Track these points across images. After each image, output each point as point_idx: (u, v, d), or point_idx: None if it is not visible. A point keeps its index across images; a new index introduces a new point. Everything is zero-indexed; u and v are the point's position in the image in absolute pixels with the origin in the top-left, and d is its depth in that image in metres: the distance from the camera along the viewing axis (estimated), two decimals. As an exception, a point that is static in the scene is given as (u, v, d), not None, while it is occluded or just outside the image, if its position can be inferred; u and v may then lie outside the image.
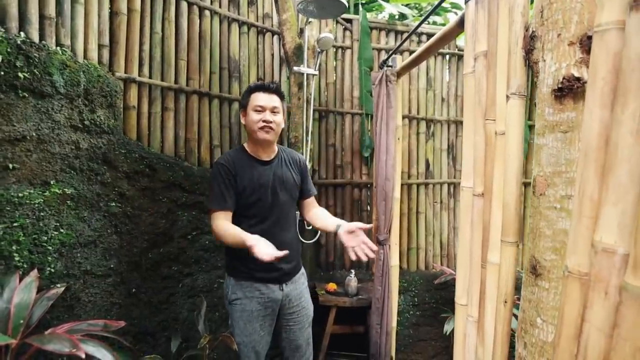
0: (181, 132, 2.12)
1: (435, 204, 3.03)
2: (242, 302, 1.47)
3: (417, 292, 2.93)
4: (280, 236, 1.49)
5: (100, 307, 1.62)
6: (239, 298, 1.47)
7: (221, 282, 2.24)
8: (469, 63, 1.39)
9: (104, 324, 1.26)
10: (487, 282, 1.27)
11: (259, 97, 1.48)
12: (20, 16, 1.35)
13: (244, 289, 1.47)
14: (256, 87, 1.51)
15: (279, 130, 1.54)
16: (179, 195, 2.02)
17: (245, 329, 1.47)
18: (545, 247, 1.02)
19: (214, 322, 2.17)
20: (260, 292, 1.47)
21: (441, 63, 2.99)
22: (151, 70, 1.97)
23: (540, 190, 1.04)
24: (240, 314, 1.47)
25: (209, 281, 2.17)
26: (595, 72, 0.81)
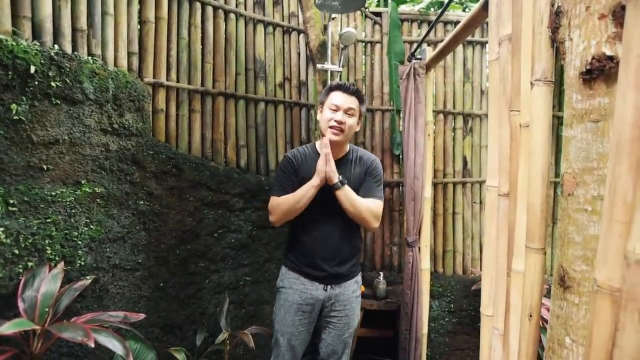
0: (208, 133, 2.18)
1: (473, 204, 2.83)
2: (287, 292, 1.53)
3: (454, 298, 2.76)
4: (332, 237, 1.51)
5: (128, 299, 1.72)
6: (284, 287, 1.55)
7: (247, 279, 2.28)
8: (493, 49, 1.26)
9: (124, 315, 1.33)
10: (511, 292, 1.13)
11: (336, 96, 1.51)
12: (54, 30, 1.47)
13: (291, 280, 1.54)
14: (337, 86, 1.55)
15: (351, 133, 1.55)
16: (205, 194, 2.09)
17: (284, 318, 1.51)
18: (574, 255, 0.88)
19: (240, 319, 2.22)
20: (304, 286, 1.52)
21: (480, 53, 2.78)
22: (178, 74, 2.05)
23: (569, 189, 0.90)
24: (282, 302, 1.53)
25: (235, 279, 2.22)
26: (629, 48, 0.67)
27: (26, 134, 1.35)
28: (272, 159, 2.48)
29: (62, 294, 1.29)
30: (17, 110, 1.31)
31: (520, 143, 1.10)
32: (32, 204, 1.36)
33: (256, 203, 2.31)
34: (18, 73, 1.30)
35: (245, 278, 2.26)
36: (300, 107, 2.59)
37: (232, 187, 2.19)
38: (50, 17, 1.45)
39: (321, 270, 1.51)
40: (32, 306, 1.17)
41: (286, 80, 2.53)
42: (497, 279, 1.24)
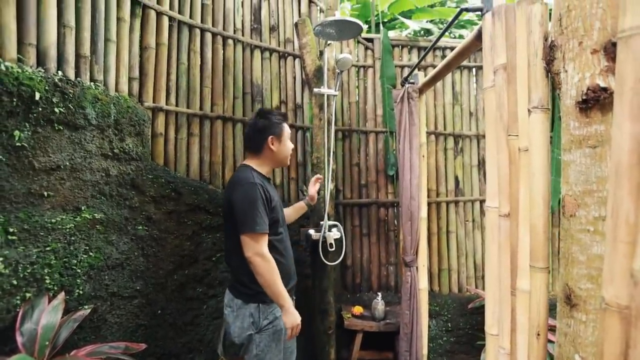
0: (206, 156, 2.19)
1: (466, 222, 2.89)
2: (274, 324, 1.50)
3: (451, 317, 2.76)
4: (291, 254, 1.67)
5: (126, 329, 1.67)
6: (271, 322, 1.49)
7: (245, 304, 2.24)
8: (488, 77, 1.33)
9: (125, 346, 1.29)
10: (517, 311, 1.16)
11: (288, 128, 1.68)
12: (58, 57, 1.48)
13: (274, 310, 1.50)
14: (285, 117, 1.70)
15: None
16: (204, 217, 2.07)
17: (276, 348, 1.49)
18: (579, 274, 0.92)
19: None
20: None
21: (467, 77, 2.91)
22: (177, 99, 2.07)
23: (571, 211, 0.95)
24: (273, 335, 1.49)
25: (233, 303, 2.18)
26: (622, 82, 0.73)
27: (28, 161, 1.33)
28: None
29: (61, 325, 1.25)
30: (19, 137, 1.30)
31: (519, 166, 1.15)
32: (31, 232, 1.33)
33: (254, 225, 2.29)
34: (22, 100, 1.30)
35: (243, 302, 2.22)
36: (296, 129, 2.63)
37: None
38: (55, 44, 1.46)
39: (292, 281, 1.63)
40: (31, 340, 1.13)
41: (282, 103, 2.58)
42: (501, 298, 1.27)
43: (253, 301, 1.48)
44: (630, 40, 0.72)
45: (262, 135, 1.60)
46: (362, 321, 2.43)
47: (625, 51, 0.73)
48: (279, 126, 1.63)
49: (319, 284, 2.35)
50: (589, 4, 0.88)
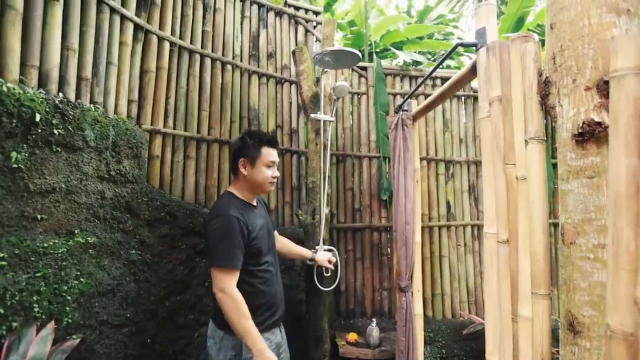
0: (202, 179, 2.18)
1: (458, 247, 2.91)
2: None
3: (445, 343, 2.73)
4: (279, 281, 1.57)
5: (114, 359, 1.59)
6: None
7: (237, 331, 2.17)
8: (484, 107, 1.39)
9: (117, 379, 1.22)
10: (519, 338, 1.16)
11: (270, 153, 1.50)
12: (60, 79, 1.48)
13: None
14: (268, 141, 1.50)
15: None
16: (198, 241, 2.03)
17: None
18: (581, 301, 0.94)
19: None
20: (269, 340, 1.43)
21: (457, 105, 3.02)
22: (175, 122, 2.08)
23: (570, 238, 0.98)
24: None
25: (225, 331, 2.11)
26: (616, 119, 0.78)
27: (23, 183, 1.30)
28: (264, 204, 2.48)
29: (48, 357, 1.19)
30: (16, 159, 1.27)
31: (517, 194, 1.19)
32: (22, 257, 1.28)
33: (248, 249, 2.26)
34: (22, 121, 1.28)
35: (235, 330, 2.15)
36: (291, 153, 2.65)
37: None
38: (58, 66, 1.46)
39: (279, 311, 1.53)
40: (17, 373, 1.06)
41: (278, 127, 2.61)
42: (502, 324, 1.27)
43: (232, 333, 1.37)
44: (622, 79, 0.78)
45: (235, 157, 1.50)
46: (357, 348, 2.37)
47: (618, 90, 0.78)
48: (255, 150, 1.47)
49: (313, 310, 2.31)
50: (580, 45, 0.94)
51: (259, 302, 1.42)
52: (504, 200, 1.27)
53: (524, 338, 1.13)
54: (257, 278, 1.43)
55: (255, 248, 1.42)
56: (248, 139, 1.49)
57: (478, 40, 1.41)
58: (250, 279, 1.40)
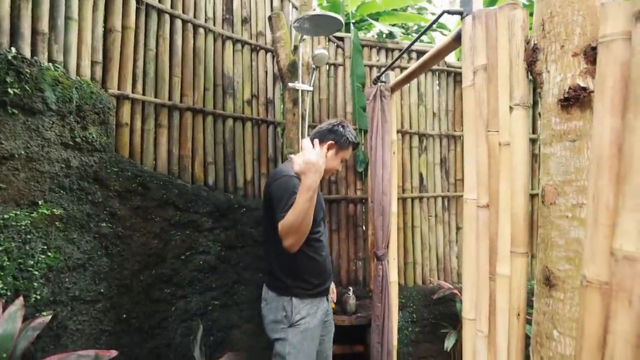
0: (175, 149, 2.07)
1: (430, 217, 3.03)
2: (306, 321, 1.45)
3: (416, 308, 2.88)
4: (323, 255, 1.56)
5: (88, 336, 1.52)
6: (303, 317, 1.45)
7: (216, 304, 2.15)
8: (468, 76, 1.41)
9: (95, 355, 1.17)
10: (497, 295, 1.24)
11: (349, 153, 1.70)
12: (12, 31, 1.31)
13: (307, 307, 1.47)
14: (355, 144, 1.71)
15: None
16: (172, 213, 1.95)
17: (308, 348, 1.45)
18: (558, 257, 1.01)
19: (209, 348, 2.07)
20: (317, 307, 1.50)
21: (432, 79, 3.06)
22: (145, 87, 1.93)
23: (550, 199, 1.03)
24: (303, 334, 1.44)
25: (203, 303, 2.08)
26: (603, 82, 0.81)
27: (-25, 148, 1.16)
28: (240, 176, 2.41)
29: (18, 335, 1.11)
30: (-35, 120, 1.13)
31: (499, 160, 1.24)
32: (-20, 229, 1.16)
33: (225, 222, 2.21)
34: (-30, 77, 1.13)
35: (213, 302, 2.13)
36: (267, 124, 2.58)
37: (201, 206, 2.09)
38: (8, 16, 1.29)
39: (328, 281, 1.60)
40: (-14, 351, 0.98)
41: (254, 97, 2.52)
42: (479, 284, 1.35)
43: (286, 294, 1.46)
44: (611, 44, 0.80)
45: (327, 134, 1.62)
46: (334, 316, 2.44)
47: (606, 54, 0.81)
48: (346, 143, 1.64)
49: (291, 280, 2.33)
50: (570, 12, 0.97)
51: (312, 270, 1.49)
52: (485, 166, 1.32)
53: (501, 295, 1.21)
54: (311, 247, 1.46)
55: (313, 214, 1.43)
56: (347, 131, 1.65)
57: (464, 8, 1.41)
58: (304, 247, 1.40)
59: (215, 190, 2.26)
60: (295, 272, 1.46)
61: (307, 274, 1.47)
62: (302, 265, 1.45)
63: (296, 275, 1.46)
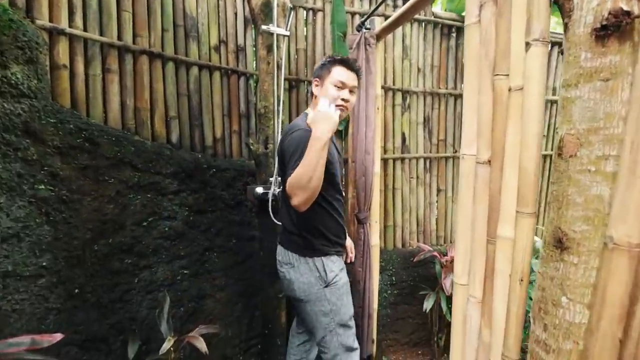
0: (129, 100, 1.77)
1: (411, 179, 2.93)
2: (340, 276, 1.47)
3: (395, 271, 2.85)
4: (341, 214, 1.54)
5: (30, 316, 1.31)
6: (336, 274, 1.46)
7: (185, 273, 1.98)
8: (472, 12, 1.21)
9: (32, 340, 0.98)
10: (497, 258, 1.13)
11: (340, 72, 1.45)
12: None
13: (336, 264, 1.48)
14: (341, 60, 1.47)
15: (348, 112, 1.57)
16: (130, 175, 1.70)
17: (348, 302, 1.49)
18: (574, 216, 0.88)
19: (179, 319, 1.92)
20: (341, 262, 1.53)
21: (417, 30, 2.82)
22: (86, 21, 1.60)
23: (570, 151, 0.89)
24: (341, 290, 1.46)
25: (171, 273, 1.90)
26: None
27: None
28: (209, 134, 2.16)
29: None
30: None
31: (507, 107, 1.08)
32: None
33: (192, 184, 1.99)
34: None
35: (182, 271, 1.96)
36: (238, 75, 2.29)
37: (164, 166, 1.84)
38: None
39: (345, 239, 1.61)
40: None
41: (222, 43, 2.21)
42: (475, 247, 1.24)
43: (315, 254, 1.44)
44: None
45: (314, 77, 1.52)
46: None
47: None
48: (325, 68, 1.46)
49: (267, 245, 2.17)
50: None
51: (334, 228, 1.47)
52: (488, 117, 1.16)
53: (502, 258, 1.10)
54: (331, 205, 1.45)
55: (330, 172, 1.38)
56: (323, 59, 1.51)
57: None
58: (325, 205, 1.41)
59: (180, 148, 2.01)
60: (320, 231, 1.44)
61: (330, 232, 1.46)
62: (326, 224, 1.45)
63: (321, 234, 1.44)
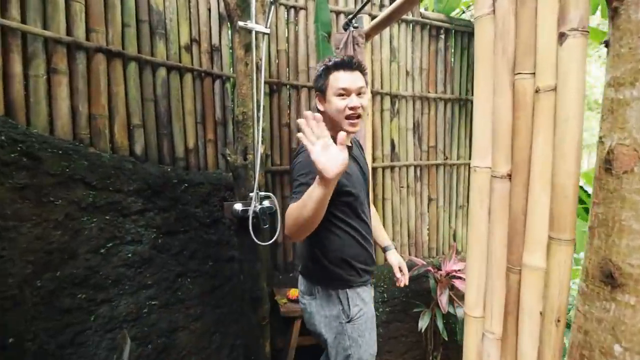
0: (82, 105, 1.52)
1: (401, 188, 2.76)
2: (364, 311, 1.33)
3: (386, 287, 2.66)
4: (368, 239, 1.37)
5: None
6: (361, 308, 1.32)
7: (153, 304, 1.72)
8: (484, 2, 1.05)
9: None
10: (523, 292, 0.96)
11: (340, 78, 1.24)
12: None
13: (361, 296, 1.34)
14: (335, 65, 1.26)
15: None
16: (82, 194, 1.44)
17: (371, 339, 1.34)
18: (631, 247, 0.70)
19: (145, 358, 1.65)
20: (369, 293, 1.38)
21: (405, 32, 2.68)
22: (25, 12, 1.34)
23: (625, 166, 0.71)
24: (364, 325, 1.32)
25: (135, 306, 1.63)
26: None
27: None
28: (180, 144, 1.91)
29: None
30: None
31: (534, 112, 0.91)
32: None
33: (161, 202, 1.74)
34: None
35: (150, 303, 1.69)
36: (213, 77, 2.07)
37: (125, 183, 1.59)
38: None
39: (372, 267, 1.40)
40: None
41: (194, 42, 1.97)
42: (493, 275, 1.06)
43: (338, 286, 1.30)
44: None
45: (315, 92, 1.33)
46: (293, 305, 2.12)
47: None
48: (322, 78, 1.27)
49: (248, 268, 1.94)
50: None
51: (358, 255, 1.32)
52: (507, 123, 0.98)
53: (530, 291, 0.93)
54: (355, 230, 1.29)
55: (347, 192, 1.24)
56: (318, 69, 1.30)
57: None
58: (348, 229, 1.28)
59: (146, 161, 1.75)
60: (344, 260, 1.30)
61: (355, 260, 1.31)
62: (350, 252, 1.30)
63: (345, 263, 1.30)
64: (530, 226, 0.92)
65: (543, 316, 0.89)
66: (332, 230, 1.26)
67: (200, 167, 2.01)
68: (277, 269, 2.46)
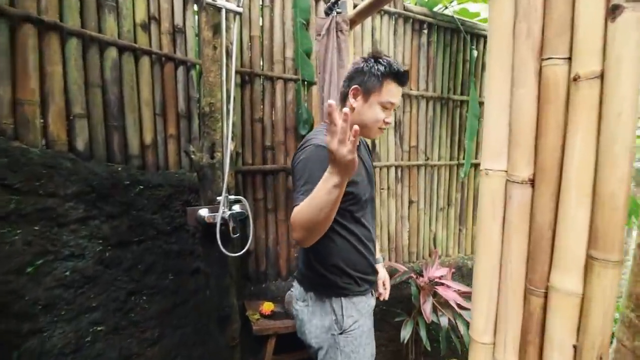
0: (4, 89, 1.21)
1: (382, 190, 2.61)
2: (359, 323, 1.23)
3: (367, 295, 2.49)
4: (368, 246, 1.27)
5: None
6: (356, 320, 1.22)
7: (99, 330, 1.43)
8: (501, -25, 0.89)
9: None
10: (549, 319, 0.80)
11: (393, 91, 1.16)
12: None
13: (358, 306, 1.24)
14: (394, 74, 1.15)
15: None
16: (3, 199, 1.15)
17: (365, 355, 1.23)
18: None
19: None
20: (368, 304, 1.28)
21: (388, 23, 2.52)
22: None
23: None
24: (360, 339, 1.22)
25: (75, 335, 1.34)
26: None
27: None
28: (134, 138, 1.63)
29: None
30: None
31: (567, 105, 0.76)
32: None
33: (109, 208, 1.46)
34: None
35: (94, 329, 1.41)
36: (175, 63, 1.80)
37: (62, 185, 1.30)
38: None
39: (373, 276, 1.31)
40: None
41: (153, 20, 1.70)
42: (506, 296, 0.91)
43: (332, 294, 1.21)
44: None
45: (349, 81, 1.20)
46: (274, 321, 1.90)
47: None
48: (375, 79, 1.14)
49: (215, 282, 1.70)
50: None
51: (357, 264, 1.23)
52: (530, 117, 0.83)
53: (560, 320, 0.77)
54: (355, 236, 1.21)
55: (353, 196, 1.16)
56: (371, 62, 1.17)
57: None
58: (347, 235, 1.19)
59: (91, 159, 1.46)
60: (340, 268, 1.21)
61: (353, 268, 1.22)
62: (348, 259, 1.21)
63: (341, 272, 1.21)
64: (562, 242, 0.76)
65: (579, 351, 0.74)
66: (327, 234, 1.11)
67: (159, 167, 1.74)
68: (248, 280, 2.22)
